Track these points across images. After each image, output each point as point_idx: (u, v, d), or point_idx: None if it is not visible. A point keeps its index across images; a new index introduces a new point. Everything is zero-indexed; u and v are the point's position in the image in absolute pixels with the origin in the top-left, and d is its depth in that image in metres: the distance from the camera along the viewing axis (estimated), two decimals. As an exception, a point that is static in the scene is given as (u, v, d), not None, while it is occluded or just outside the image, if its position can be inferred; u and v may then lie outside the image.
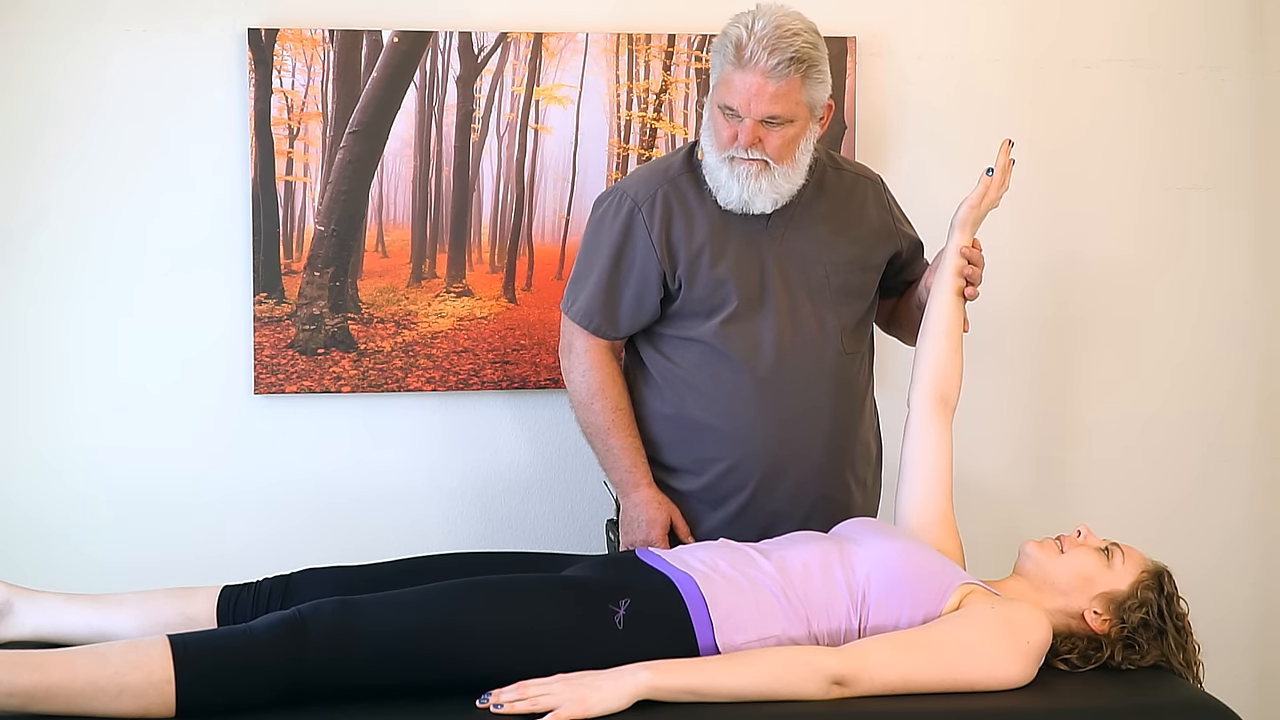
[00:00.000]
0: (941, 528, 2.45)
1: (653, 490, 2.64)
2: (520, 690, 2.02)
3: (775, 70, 2.43)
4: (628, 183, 2.66)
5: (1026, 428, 3.29)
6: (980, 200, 2.58)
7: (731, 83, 2.46)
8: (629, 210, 2.60)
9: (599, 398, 2.65)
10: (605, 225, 2.62)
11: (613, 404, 2.64)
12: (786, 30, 2.44)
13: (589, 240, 2.66)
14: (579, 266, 2.67)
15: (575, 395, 2.68)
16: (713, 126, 2.53)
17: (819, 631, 2.20)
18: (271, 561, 2.51)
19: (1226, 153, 3.30)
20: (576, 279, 2.67)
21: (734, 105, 2.46)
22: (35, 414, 2.98)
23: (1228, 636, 3.24)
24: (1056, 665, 2.27)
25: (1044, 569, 2.34)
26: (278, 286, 2.98)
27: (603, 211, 2.64)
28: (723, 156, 2.51)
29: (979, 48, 3.19)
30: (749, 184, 2.52)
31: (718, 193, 2.55)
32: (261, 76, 2.93)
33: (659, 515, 2.62)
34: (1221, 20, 3.27)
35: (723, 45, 2.48)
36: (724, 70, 2.47)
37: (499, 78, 3.02)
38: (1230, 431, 3.36)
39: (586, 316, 2.64)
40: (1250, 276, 3.34)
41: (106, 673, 1.97)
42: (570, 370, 2.68)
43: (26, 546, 2.97)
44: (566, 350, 2.69)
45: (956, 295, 2.57)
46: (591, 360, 2.65)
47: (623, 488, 2.65)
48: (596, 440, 2.67)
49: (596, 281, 2.62)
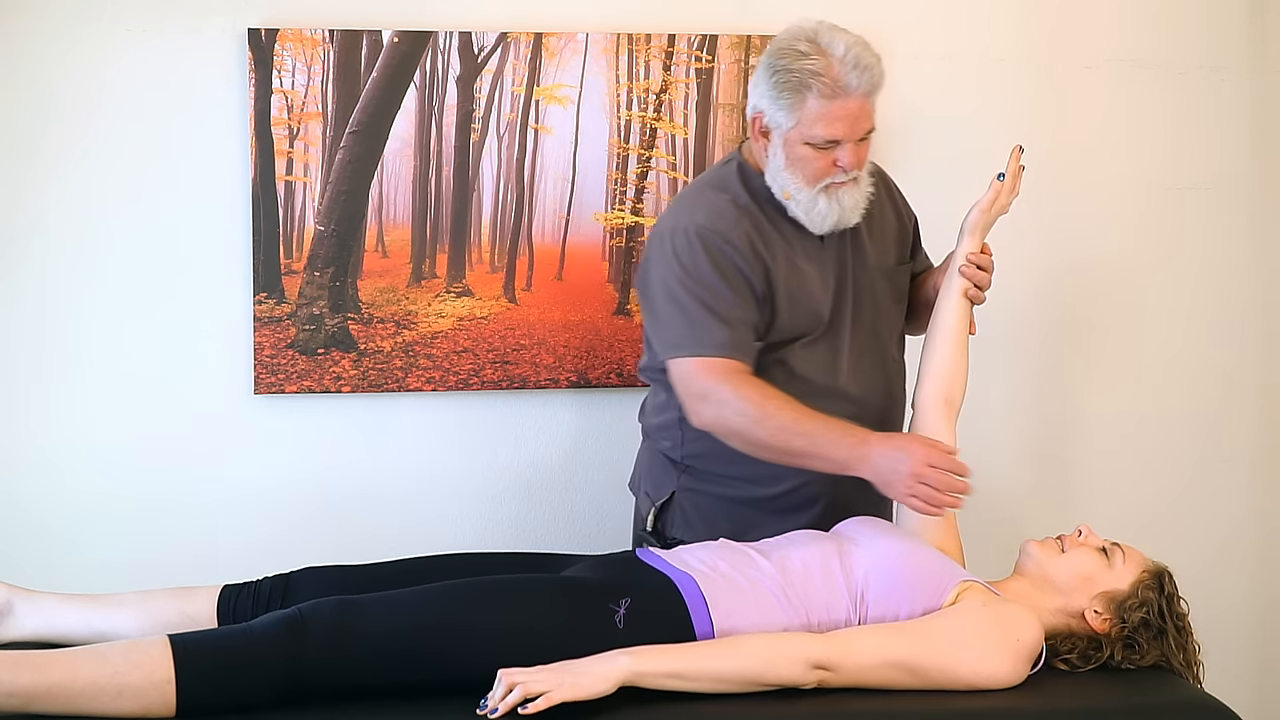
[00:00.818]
0: (942, 529, 2.45)
1: (884, 435, 2.38)
2: (506, 679, 2.00)
3: (871, 87, 2.41)
4: (696, 218, 2.49)
5: (1027, 426, 3.29)
6: (990, 205, 2.59)
7: (828, 115, 2.40)
8: (717, 244, 2.46)
9: (766, 406, 2.39)
10: (694, 262, 2.46)
11: (777, 400, 2.40)
12: (856, 43, 2.41)
13: (676, 282, 2.47)
14: (675, 311, 2.47)
15: (740, 431, 2.40)
16: (798, 164, 2.45)
17: (819, 631, 2.20)
18: (271, 561, 2.51)
19: (1226, 153, 3.30)
20: (680, 323, 2.46)
21: (837, 136, 2.41)
22: (36, 414, 2.98)
23: (1228, 636, 3.24)
24: (1057, 665, 2.27)
25: (1044, 568, 2.34)
26: (278, 286, 2.98)
27: (679, 251, 2.48)
28: (817, 189, 2.46)
29: (979, 48, 3.19)
30: (846, 202, 2.48)
31: (810, 223, 2.49)
32: (261, 76, 2.93)
33: (916, 445, 2.32)
34: (1221, 20, 3.27)
35: (797, 83, 2.39)
36: (810, 107, 2.39)
37: (499, 78, 3.02)
38: (1230, 430, 3.36)
39: (724, 346, 2.43)
40: (1249, 276, 3.34)
41: (106, 672, 1.97)
42: (720, 416, 2.42)
43: (27, 546, 2.97)
44: (701, 400, 2.43)
45: (964, 298, 2.58)
46: (734, 389, 2.41)
47: (857, 451, 2.33)
48: (791, 439, 2.37)
49: (715, 311, 2.44)
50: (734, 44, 3.08)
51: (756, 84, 2.49)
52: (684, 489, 2.63)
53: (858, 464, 2.33)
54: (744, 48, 3.08)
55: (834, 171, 2.45)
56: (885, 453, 2.31)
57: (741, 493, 2.58)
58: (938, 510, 2.28)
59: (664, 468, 2.67)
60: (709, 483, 2.60)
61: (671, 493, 2.64)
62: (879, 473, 2.31)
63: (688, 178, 3.08)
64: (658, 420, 2.67)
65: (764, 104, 2.46)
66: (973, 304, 2.59)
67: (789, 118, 2.43)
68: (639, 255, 3.08)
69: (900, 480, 2.28)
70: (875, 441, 2.33)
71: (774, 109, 2.44)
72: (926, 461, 2.27)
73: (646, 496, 2.70)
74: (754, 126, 2.51)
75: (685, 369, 2.45)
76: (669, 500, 2.64)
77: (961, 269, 2.57)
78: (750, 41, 3.07)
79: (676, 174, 3.09)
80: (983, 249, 2.60)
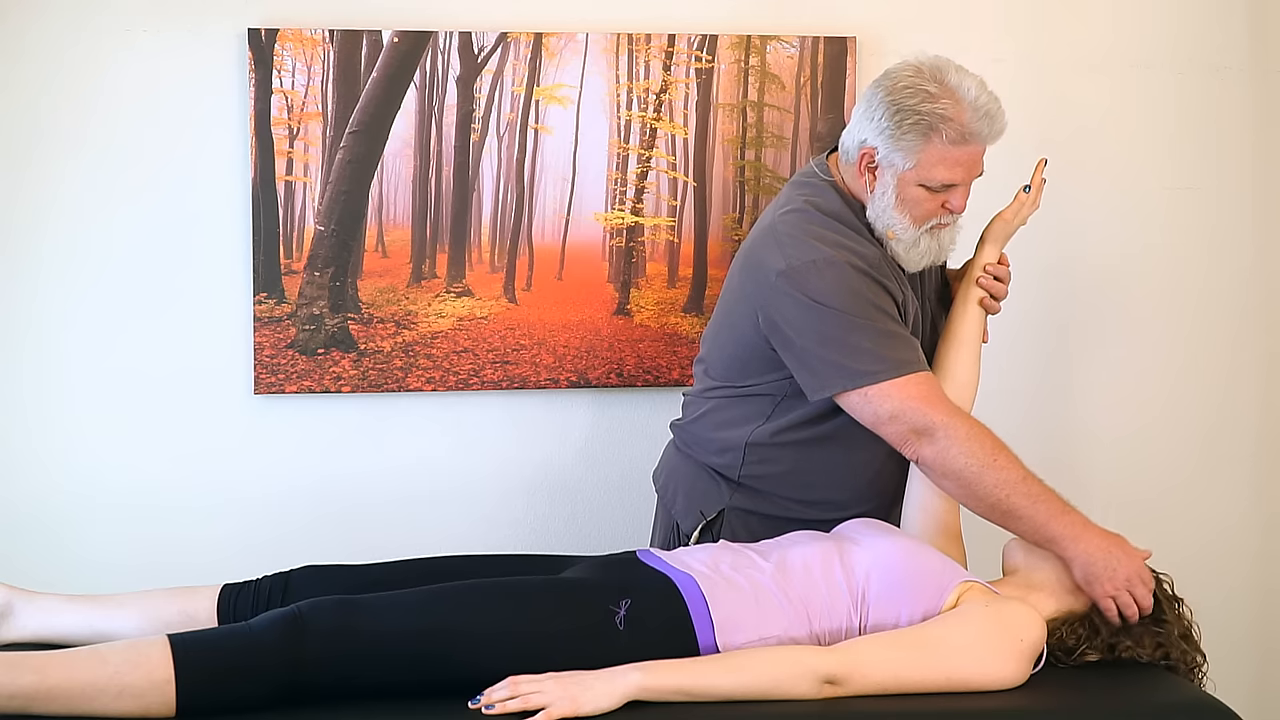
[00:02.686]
0: (945, 535, 2.46)
1: (1100, 528, 2.32)
2: (512, 687, 2.02)
3: (996, 136, 2.40)
4: (834, 250, 2.40)
5: (1026, 426, 3.28)
6: (1014, 216, 2.62)
7: (950, 160, 2.37)
8: (862, 271, 2.39)
9: (997, 456, 2.31)
10: (857, 288, 2.38)
11: (1005, 451, 2.33)
12: (982, 87, 2.39)
13: (842, 310, 2.36)
14: (855, 338, 2.36)
15: (961, 473, 2.31)
16: (908, 204, 2.41)
17: (820, 631, 2.20)
18: (272, 561, 2.51)
19: (1226, 153, 3.30)
20: (865, 347, 2.35)
21: (956, 180, 2.40)
22: (35, 414, 2.98)
23: (1228, 637, 3.24)
24: (1063, 661, 2.27)
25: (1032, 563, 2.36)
26: (278, 286, 2.98)
27: (835, 279, 2.38)
28: (923, 229, 2.44)
29: (979, 48, 3.18)
30: (945, 243, 2.48)
31: (908, 262, 2.47)
32: (261, 76, 2.93)
33: (1136, 556, 2.29)
34: (1221, 20, 3.27)
35: (926, 126, 2.36)
36: (933, 151, 2.37)
37: (499, 78, 3.02)
38: (1230, 430, 3.36)
39: (920, 363, 2.37)
40: (1250, 276, 3.34)
41: (106, 673, 1.97)
42: (944, 456, 2.32)
43: (26, 547, 2.97)
44: (924, 435, 2.33)
45: (979, 307, 2.59)
46: (968, 429, 2.32)
47: (1074, 530, 2.29)
48: (1013, 494, 2.30)
49: (896, 329, 2.39)
50: (734, 44, 3.07)
51: (870, 119, 2.42)
52: (735, 507, 2.58)
53: (1070, 543, 2.28)
54: (744, 48, 3.08)
55: (942, 214, 2.44)
56: (1104, 546, 2.27)
57: (798, 515, 2.54)
58: (1119, 620, 2.27)
59: (712, 482, 2.61)
60: (765, 503, 2.56)
61: (721, 510, 2.59)
62: (1091, 561, 2.26)
63: (688, 178, 3.08)
64: (719, 437, 2.60)
65: (879, 141, 2.41)
66: (987, 313, 2.61)
67: (908, 159, 2.39)
68: (638, 255, 3.09)
69: (1111, 581, 2.25)
70: (1094, 529, 2.30)
71: (891, 148, 2.40)
72: (1141, 578, 2.27)
73: (689, 510, 2.64)
74: (861, 161, 2.45)
75: (888, 398, 2.34)
76: (717, 517, 2.60)
77: (979, 279, 2.59)
78: (750, 41, 3.07)
79: (676, 174, 3.09)
80: (1000, 259, 2.62)
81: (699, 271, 3.12)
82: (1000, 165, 2.60)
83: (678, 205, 3.10)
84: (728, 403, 2.59)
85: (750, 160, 3.11)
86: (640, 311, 3.11)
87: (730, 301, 2.59)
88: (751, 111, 3.10)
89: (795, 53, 3.09)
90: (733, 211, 3.11)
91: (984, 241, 2.63)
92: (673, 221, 3.10)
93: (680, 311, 3.12)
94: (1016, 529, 2.34)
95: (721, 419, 2.60)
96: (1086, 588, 2.27)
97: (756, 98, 3.10)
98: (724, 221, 3.11)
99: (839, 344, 2.37)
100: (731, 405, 2.58)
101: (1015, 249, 2.69)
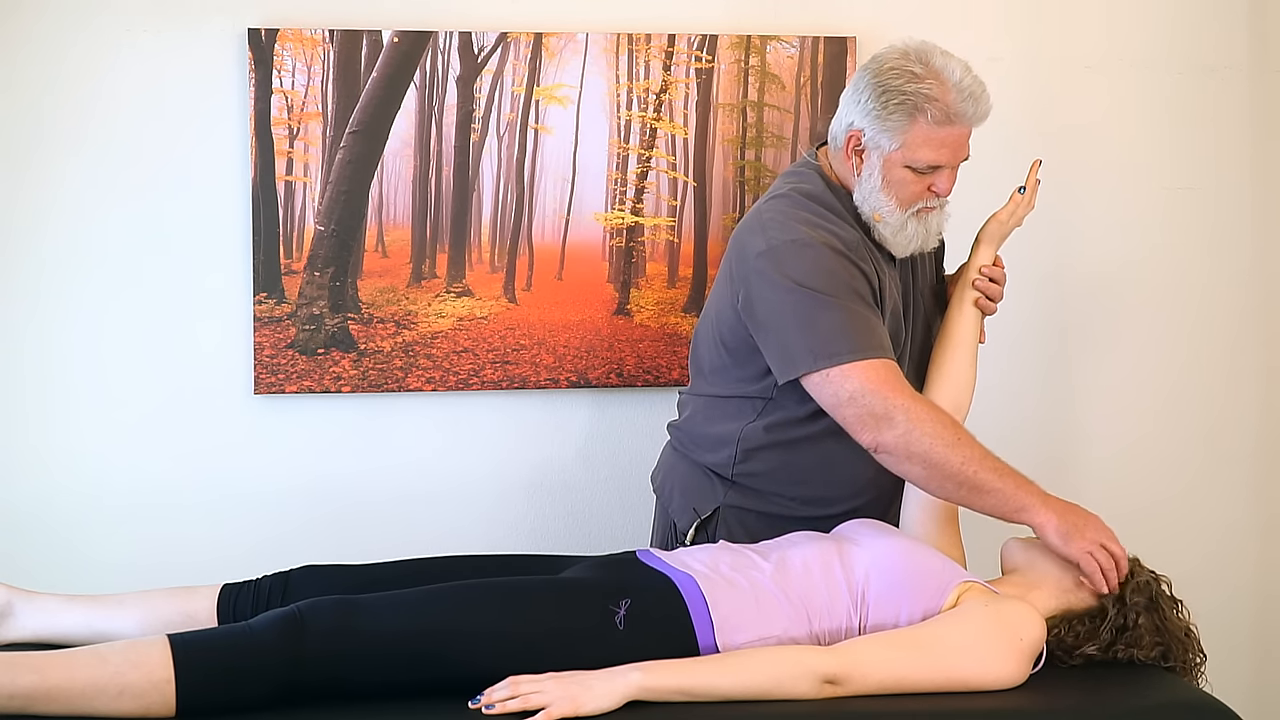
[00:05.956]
0: (943, 536, 2.46)
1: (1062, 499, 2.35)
2: (512, 687, 2.02)
3: (981, 118, 2.41)
4: (814, 232, 2.41)
5: (1026, 427, 3.29)
6: (1009, 217, 2.63)
7: (935, 140, 2.39)
8: (843, 252, 2.40)
9: (959, 433, 2.34)
10: (829, 267, 2.38)
11: (963, 429, 2.37)
12: (967, 70, 2.41)
13: (811, 290, 2.37)
14: (820, 317, 2.36)
15: (927, 453, 2.31)
16: (895, 186, 2.43)
17: (820, 630, 2.20)
18: (272, 561, 2.51)
19: (1226, 153, 3.30)
20: (831, 328, 2.34)
21: (941, 162, 2.41)
22: (35, 414, 2.98)
23: (1227, 640, 3.24)
24: (1063, 659, 2.27)
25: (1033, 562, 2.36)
26: (278, 286, 2.98)
27: (805, 259, 2.38)
28: (909, 212, 2.45)
29: (979, 47, 3.17)
30: (932, 227, 2.48)
31: (895, 246, 2.48)
32: (261, 76, 2.93)
33: (1102, 521, 2.34)
34: (1221, 20, 3.27)
35: (911, 106, 2.37)
36: (919, 131, 2.38)
37: (499, 78, 3.02)
38: (1230, 431, 3.36)
39: (886, 348, 2.36)
40: (1249, 276, 3.34)
41: (106, 673, 1.97)
42: (907, 440, 2.31)
43: (27, 547, 2.97)
44: (883, 421, 2.32)
45: (974, 308, 2.60)
46: (927, 411, 2.33)
47: (1041, 497, 2.32)
48: (979, 469, 2.31)
49: (865, 313, 2.37)
50: (734, 44, 3.08)
51: (856, 101, 2.44)
52: (730, 505, 2.58)
53: (1040, 508, 2.30)
54: (744, 48, 3.08)
55: (928, 196, 2.45)
56: (1066, 509, 2.31)
57: (793, 512, 2.54)
58: (1102, 585, 2.28)
59: (706, 480, 2.61)
60: (759, 500, 2.57)
61: (715, 508, 2.60)
62: (1064, 521, 2.29)
63: (688, 177, 3.09)
64: (712, 433, 2.60)
65: (865, 123, 2.43)
66: (983, 314, 2.61)
67: (894, 140, 2.41)
68: (638, 255, 3.09)
69: (1084, 537, 2.28)
70: (1053, 497, 2.33)
71: (877, 129, 2.41)
72: (1111, 539, 2.30)
73: (684, 509, 2.64)
74: (848, 144, 2.46)
75: (849, 379, 2.33)
76: (712, 515, 2.60)
77: (975, 281, 2.59)
78: (750, 41, 3.08)
79: (676, 174, 3.09)
80: (995, 261, 2.62)
81: (699, 271, 3.12)
82: (996, 165, 2.61)
83: (678, 205, 3.10)
84: (720, 400, 2.60)
85: (750, 160, 3.11)
86: (640, 311, 3.11)
87: (718, 288, 2.60)
88: (751, 111, 3.10)
89: (795, 53, 3.09)
90: (733, 211, 3.11)
91: (979, 243, 2.64)
92: (673, 221, 3.10)
93: (680, 311, 3.12)
94: (984, 504, 2.33)
95: (714, 416, 2.61)
96: (1065, 546, 2.28)
97: (756, 98, 3.10)
98: (724, 221, 3.11)
99: (809, 324, 2.37)
100: (723, 402, 2.59)
101: (1012, 251, 2.69)
